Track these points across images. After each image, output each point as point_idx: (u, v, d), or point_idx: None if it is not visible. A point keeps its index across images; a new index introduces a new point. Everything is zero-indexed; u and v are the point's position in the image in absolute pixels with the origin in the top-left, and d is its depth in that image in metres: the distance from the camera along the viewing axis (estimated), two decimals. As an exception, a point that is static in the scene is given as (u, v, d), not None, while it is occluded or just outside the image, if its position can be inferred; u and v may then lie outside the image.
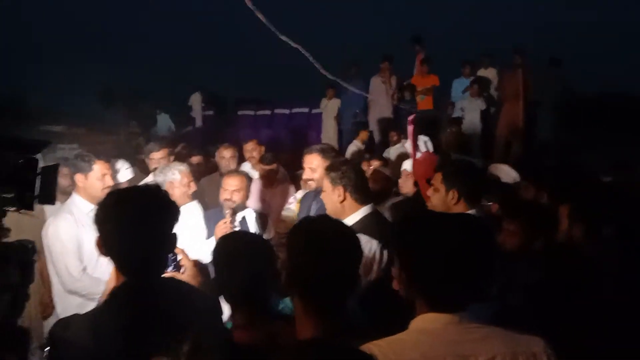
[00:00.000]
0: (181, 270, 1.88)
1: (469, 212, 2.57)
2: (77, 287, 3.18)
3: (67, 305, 3.24)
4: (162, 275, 1.70)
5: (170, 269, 2.00)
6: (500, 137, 8.37)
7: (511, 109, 8.31)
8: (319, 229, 1.68)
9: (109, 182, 3.37)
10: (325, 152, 3.45)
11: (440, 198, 2.70)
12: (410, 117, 3.98)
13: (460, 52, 10.57)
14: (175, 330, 1.28)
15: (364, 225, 2.63)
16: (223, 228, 3.38)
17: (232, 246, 1.97)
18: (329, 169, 2.90)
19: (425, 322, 1.46)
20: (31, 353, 3.41)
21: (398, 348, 1.41)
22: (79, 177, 3.34)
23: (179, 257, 1.89)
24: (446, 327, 1.44)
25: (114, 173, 3.58)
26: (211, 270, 2.00)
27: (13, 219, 1.85)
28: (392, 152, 7.28)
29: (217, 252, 1.97)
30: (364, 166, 4.82)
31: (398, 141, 7.63)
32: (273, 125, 12.13)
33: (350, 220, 2.65)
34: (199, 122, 12.76)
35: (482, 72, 9.37)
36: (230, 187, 3.63)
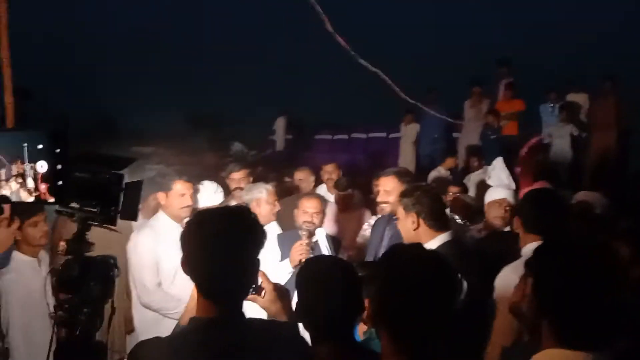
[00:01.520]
0: (262, 294, 1.83)
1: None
2: (149, 301, 3.26)
3: (142, 318, 3.34)
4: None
5: (250, 291, 1.94)
6: (591, 167, 7.89)
7: (602, 138, 7.85)
8: (412, 259, 1.53)
9: (188, 201, 3.44)
10: (401, 175, 3.37)
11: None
12: (532, 141, 3.61)
13: (548, 75, 10.15)
14: None
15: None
16: (300, 250, 3.33)
17: (318, 270, 1.87)
18: (402, 195, 2.83)
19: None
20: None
21: None
22: (160, 195, 3.46)
23: (260, 279, 1.84)
24: None
25: (195, 193, 3.67)
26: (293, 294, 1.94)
27: (102, 234, 1.90)
28: (472, 179, 7.03)
29: (301, 276, 1.88)
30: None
31: (479, 167, 7.35)
32: (350, 150, 12.15)
33: (426, 248, 2.54)
34: (280, 146, 13.03)
35: (572, 97, 8.91)
36: (310, 209, 3.57)
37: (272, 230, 3.87)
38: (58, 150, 1.61)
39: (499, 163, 4.48)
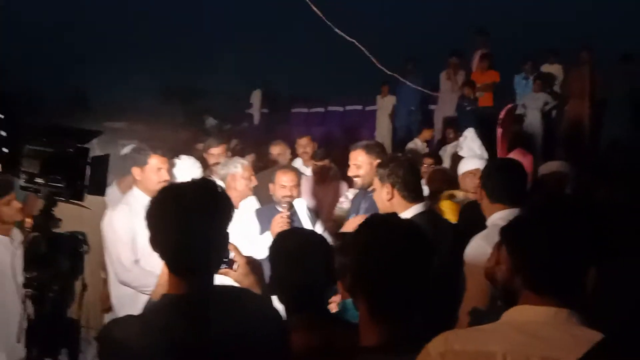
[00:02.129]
0: (234, 267, 1.80)
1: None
2: (127, 278, 3.22)
3: (120, 295, 3.30)
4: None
5: (222, 265, 1.94)
6: (564, 137, 8.01)
7: (576, 107, 7.94)
8: (388, 228, 1.53)
9: (165, 176, 3.39)
10: (369, 148, 3.39)
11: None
12: (509, 106, 3.57)
13: (523, 47, 10.18)
14: (227, 343, 1.21)
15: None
16: (280, 222, 3.36)
17: (290, 243, 1.87)
18: (378, 166, 2.87)
19: (519, 314, 1.32)
20: (89, 343, 3.54)
21: (477, 338, 1.28)
22: (135, 171, 3.39)
23: (232, 253, 1.81)
24: (543, 323, 1.27)
25: (171, 167, 3.63)
26: (265, 268, 1.94)
27: (73, 211, 1.85)
28: (448, 150, 7.08)
29: (274, 249, 1.87)
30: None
31: (455, 139, 7.39)
32: (326, 123, 12.09)
33: (399, 219, 2.57)
34: (256, 120, 12.90)
35: (546, 68, 8.98)
36: (288, 182, 3.63)
37: (251, 204, 3.86)
38: (2, 117, 1.54)
39: (470, 133, 4.50)
